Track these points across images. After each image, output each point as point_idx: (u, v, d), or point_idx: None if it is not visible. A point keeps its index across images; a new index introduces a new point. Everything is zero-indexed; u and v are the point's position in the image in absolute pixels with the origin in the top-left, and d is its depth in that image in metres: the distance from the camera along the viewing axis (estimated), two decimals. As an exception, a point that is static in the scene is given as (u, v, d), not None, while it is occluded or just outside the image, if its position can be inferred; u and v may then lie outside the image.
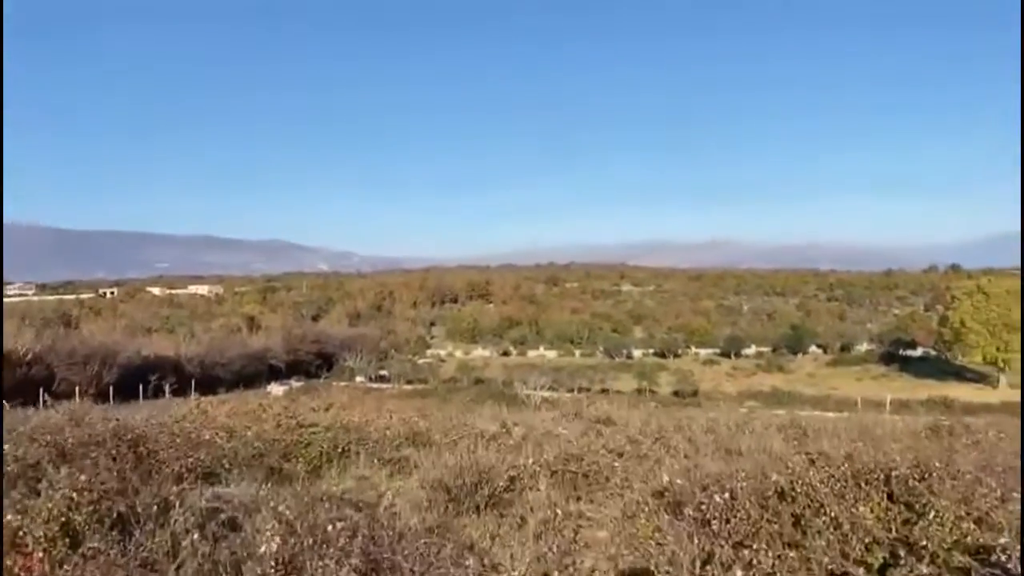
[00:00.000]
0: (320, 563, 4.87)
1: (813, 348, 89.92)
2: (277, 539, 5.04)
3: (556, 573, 5.15)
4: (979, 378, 68.78)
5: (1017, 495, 5.52)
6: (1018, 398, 55.86)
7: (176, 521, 5.56)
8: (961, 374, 71.28)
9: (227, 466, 8.80)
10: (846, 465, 5.62)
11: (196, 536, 5.17)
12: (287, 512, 5.40)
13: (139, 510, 5.75)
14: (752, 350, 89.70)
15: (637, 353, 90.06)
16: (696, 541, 5.13)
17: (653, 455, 10.25)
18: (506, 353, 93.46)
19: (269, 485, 7.87)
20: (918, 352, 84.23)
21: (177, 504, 5.80)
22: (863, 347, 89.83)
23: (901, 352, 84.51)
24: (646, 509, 6.20)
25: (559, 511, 6.40)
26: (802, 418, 19.93)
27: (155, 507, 5.95)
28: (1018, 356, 63.65)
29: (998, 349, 63.88)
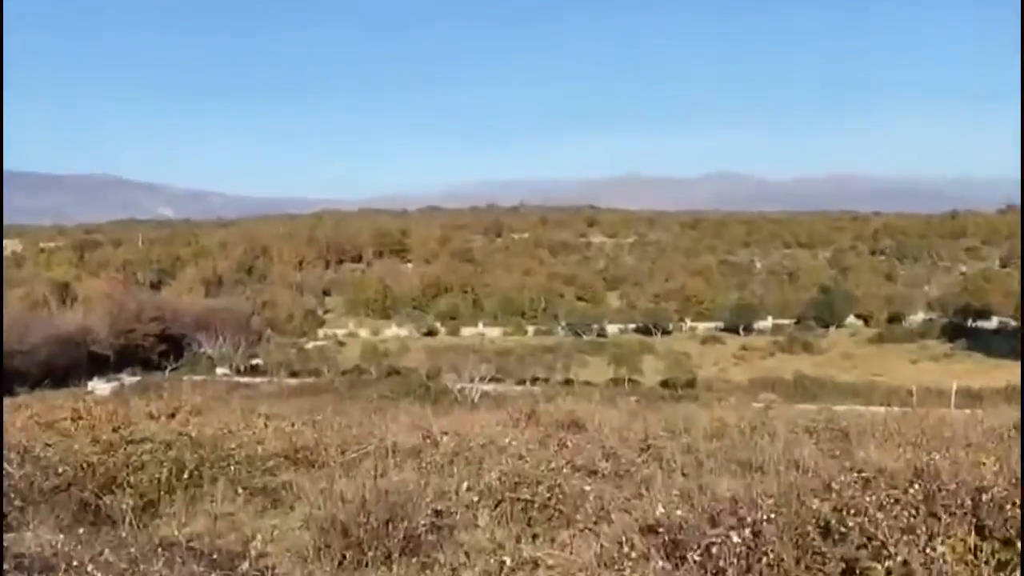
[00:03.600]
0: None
1: (851, 319, 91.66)
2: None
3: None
4: (1073, 357, 71.07)
5: None
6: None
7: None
8: (1050, 352, 73.55)
9: (19, 504, 8.36)
10: (916, 486, 5.49)
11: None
12: None
13: None
14: (768, 323, 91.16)
15: (612, 329, 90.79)
16: (706, 601, 4.95)
17: (639, 473, 10.13)
18: (431, 332, 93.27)
19: (80, 531, 7.49)
20: (993, 323, 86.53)
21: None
22: (919, 317, 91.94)
23: (971, 323, 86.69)
24: (632, 554, 6.01)
25: (507, 559, 6.16)
26: (839, 415, 20.17)
27: None
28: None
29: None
